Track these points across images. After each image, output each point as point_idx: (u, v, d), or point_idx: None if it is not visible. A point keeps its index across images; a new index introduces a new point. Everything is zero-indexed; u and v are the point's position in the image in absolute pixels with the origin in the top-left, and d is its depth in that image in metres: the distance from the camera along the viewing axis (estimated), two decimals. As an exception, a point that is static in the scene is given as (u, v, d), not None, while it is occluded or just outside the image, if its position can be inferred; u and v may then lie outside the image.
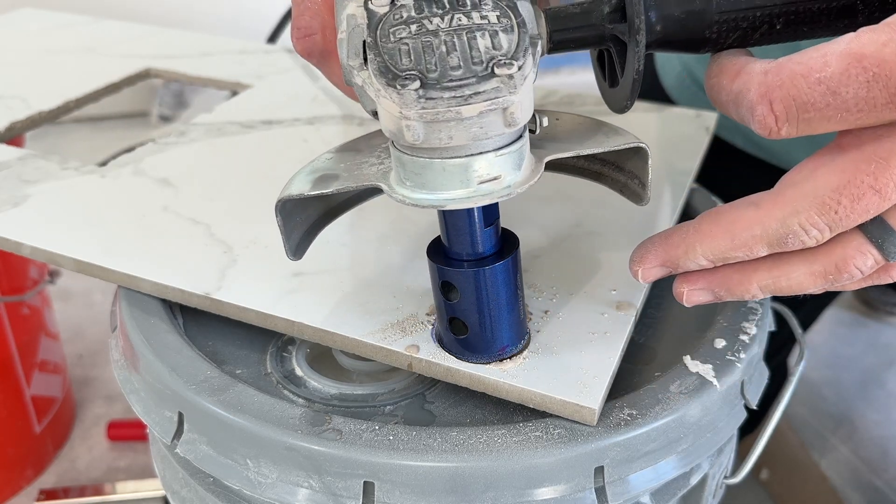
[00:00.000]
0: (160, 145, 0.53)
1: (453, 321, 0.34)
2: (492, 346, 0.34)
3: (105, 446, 0.77)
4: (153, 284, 0.40)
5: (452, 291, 0.33)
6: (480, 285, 0.32)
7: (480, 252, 0.32)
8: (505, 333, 0.34)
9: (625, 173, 0.35)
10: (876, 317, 1.17)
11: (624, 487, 0.33)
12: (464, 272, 0.32)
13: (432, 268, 0.33)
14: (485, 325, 0.33)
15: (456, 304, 0.33)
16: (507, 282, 0.33)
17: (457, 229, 0.32)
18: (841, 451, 0.88)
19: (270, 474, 0.33)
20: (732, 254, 0.30)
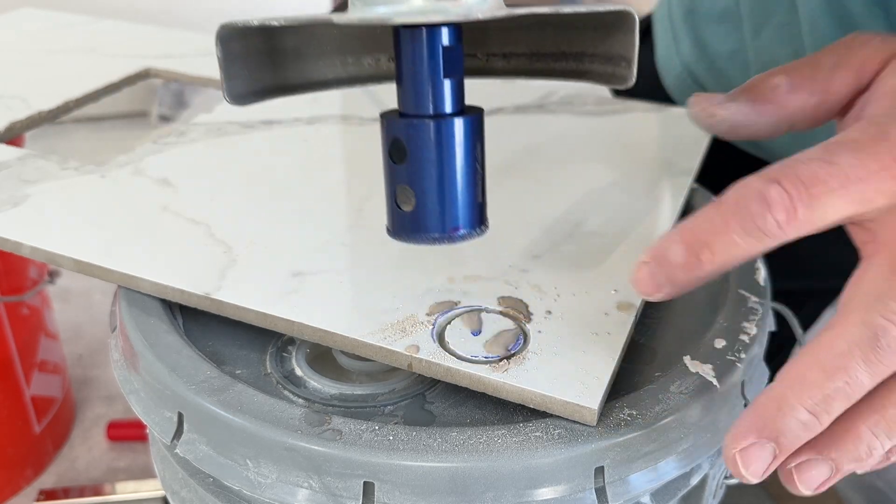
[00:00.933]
0: (160, 145, 0.52)
1: (399, 191, 0.30)
2: (442, 222, 0.30)
3: (105, 446, 0.77)
4: (153, 284, 0.40)
5: (401, 152, 0.29)
6: (433, 142, 0.29)
7: (437, 106, 0.29)
8: (458, 209, 0.30)
9: (611, 62, 0.32)
10: (876, 317, 1.17)
11: (624, 488, 0.33)
12: (415, 124, 0.29)
13: (383, 128, 0.30)
14: (435, 194, 0.29)
15: (404, 168, 0.29)
16: (465, 146, 0.29)
17: (412, 68, 0.28)
18: (841, 451, 0.88)
19: (270, 474, 0.33)
20: (830, 385, 0.26)
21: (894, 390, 0.26)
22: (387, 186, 0.31)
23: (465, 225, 0.31)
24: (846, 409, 0.26)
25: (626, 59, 0.31)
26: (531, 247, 0.43)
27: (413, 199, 0.30)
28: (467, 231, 0.31)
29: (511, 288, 0.39)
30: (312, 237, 0.43)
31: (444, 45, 0.28)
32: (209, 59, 0.67)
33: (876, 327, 0.26)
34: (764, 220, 0.27)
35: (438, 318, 0.37)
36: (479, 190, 0.31)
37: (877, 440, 0.26)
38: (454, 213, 0.30)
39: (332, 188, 0.49)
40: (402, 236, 0.31)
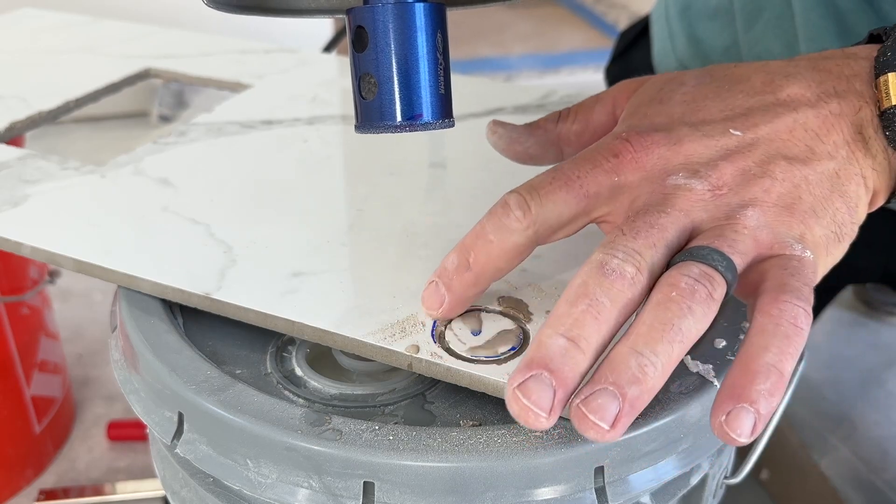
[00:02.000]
0: (160, 145, 0.53)
1: (363, 80, 0.30)
2: (404, 108, 0.30)
3: (105, 446, 0.77)
4: (153, 284, 0.40)
5: (363, 39, 0.30)
6: (393, 26, 0.29)
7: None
8: (419, 96, 0.30)
9: None
10: (876, 317, 1.17)
11: (624, 487, 0.33)
12: (377, 9, 0.29)
13: (348, 17, 0.30)
14: (396, 79, 0.30)
15: (365, 56, 0.30)
16: (425, 32, 0.30)
17: None
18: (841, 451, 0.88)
19: (270, 474, 0.33)
20: (575, 310, 0.30)
21: (642, 315, 0.30)
22: (352, 77, 0.31)
23: (428, 114, 0.31)
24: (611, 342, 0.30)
25: None
26: (531, 247, 0.43)
27: (376, 87, 0.30)
28: (430, 119, 0.31)
29: (511, 288, 0.39)
30: (312, 237, 0.43)
31: None
32: (209, 59, 0.67)
33: (601, 260, 0.31)
34: (507, 217, 0.33)
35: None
36: (442, 80, 0.31)
37: (642, 356, 0.29)
38: (416, 99, 0.31)
39: (332, 188, 0.49)
40: (367, 127, 0.31)
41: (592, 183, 0.34)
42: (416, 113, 0.31)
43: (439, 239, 0.44)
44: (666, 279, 0.30)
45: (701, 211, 0.33)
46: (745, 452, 0.39)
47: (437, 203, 0.47)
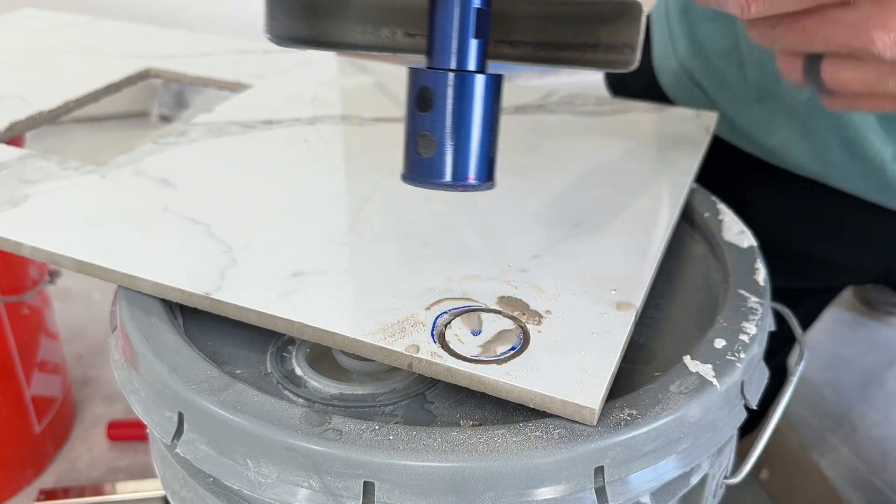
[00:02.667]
0: (160, 145, 0.53)
1: (422, 138, 0.32)
2: (458, 170, 0.32)
3: (105, 446, 0.77)
4: (153, 284, 0.40)
5: (428, 101, 0.31)
6: (460, 93, 0.31)
7: (466, 62, 0.31)
8: (474, 159, 0.32)
9: (614, 49, 0.34)
10: (876, 317, 1.17)
11: (624, 487, 0.33)
12: (445, 75, 0.31)
13: (411, 76, 0.32)
14: (455, 142, 0.31)
15: (428, 116, 0.31)
16: (488, 101, 0.32)
17: (448, 24, 0.31)
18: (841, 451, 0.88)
19: (270, 474, 0.33)
20: None
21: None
22: (407, 133, 0.33)
23: (477, 176, 0.32)
24: None
25: (629, 45, 0.33)
26: (531, 247, 0.43)
27: (434, 146, 0.32)
28: (478, 182, 0.33)
29: (511, 288, 0.39)
30: (312, 237, 0.43)
31: (476, 6, 0.30)
32: (209, 59, 0.67)
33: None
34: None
35: (438, 318, 0.37)
36: (494, 146, 0.33)
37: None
38: (470, 162, 0.32)
39: (332, 188, 0.49)
40: (418, 181, 0.33)
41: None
42: (467, 176, 0.32)
43: (439, 239, 0.44)
44: None
45: None
46: (745, 452, 0.39)
47: (437, 203, 0.47)
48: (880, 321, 1.17)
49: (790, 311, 0.46)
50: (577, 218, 0.46)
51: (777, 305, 0.45)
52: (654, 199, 0.49)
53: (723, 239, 0.46)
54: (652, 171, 0.52)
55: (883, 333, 1.15)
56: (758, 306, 0.41)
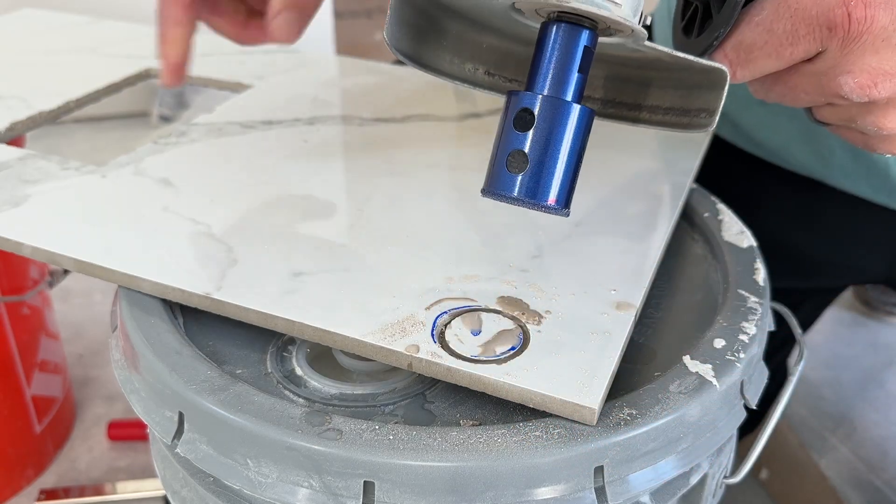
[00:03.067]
0: (160, 145, 0.53)
1: (515, 155, 0.33)
2: (544, 190, 0.33)
3: (105, 446, 0.77)
4: (153, 284, 0.40)
5: (526, 122, 0.33)
6: (562, 120, 0.33)
7: (566, 93, 0.33)
8: (559, 183, 0.33)
9: (688, 114, 0.36)
10: (876, 317, 1.17)
11: (624, 487, 0.33)
12: (550, 99, 0.33)
13: (512, 97, 0.34)
14: (546, 164, 0.33)
15: (525, 136, 0.33)
16: (580, 131, 0.33)
17: (559, 56, 0.33)
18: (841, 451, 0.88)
19: (270, 474, 0.33)
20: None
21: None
22: (499, 149, 0.34)
23: (558, 200, 0.34)
24: None
25: (707, 110, 0.35)
26: (531, 247, 0.43)
27: (525, 164, 0.33)
28: (558, 207, 0.34)
29: (511, 288, 0.39)
30: (312, 237, 0.43)
31: (585, 44, 0.33)
32: (209, 59, 0.67)
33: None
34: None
35: (438, 318, 0.37)
36: (577, 175, 0.34)
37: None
38: (556, 187, 0.33)
39: (331, 188, 0.49)
40: (503, 195, 0.34)
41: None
42: (551, 198, 0.33)
43: (439, 239, 0.44)
44: None
45: None
46: (744, 452, 0.39)
47: (437, 203, 0.47)
48: (880, 321, 1.17)
49: (790, 311, 0.46)
50: (577, 218, 0.46)
51: (776, 305, 0.45)
52: (654, 199, 0.49)
53: (722, 239, 0.46)
54: (652, 171, 0.52)
55: (883, 333, 1.15)
56: (757, 306, 0.41)
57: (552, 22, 0.33)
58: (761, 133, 0.61)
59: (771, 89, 0.38)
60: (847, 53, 0.34)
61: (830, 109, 0.38)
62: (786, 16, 0.34)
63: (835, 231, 0.63)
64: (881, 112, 0.36)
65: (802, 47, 0.34)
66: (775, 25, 0.34)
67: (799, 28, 0.34)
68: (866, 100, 0.35)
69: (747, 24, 0.35)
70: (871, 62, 0.34)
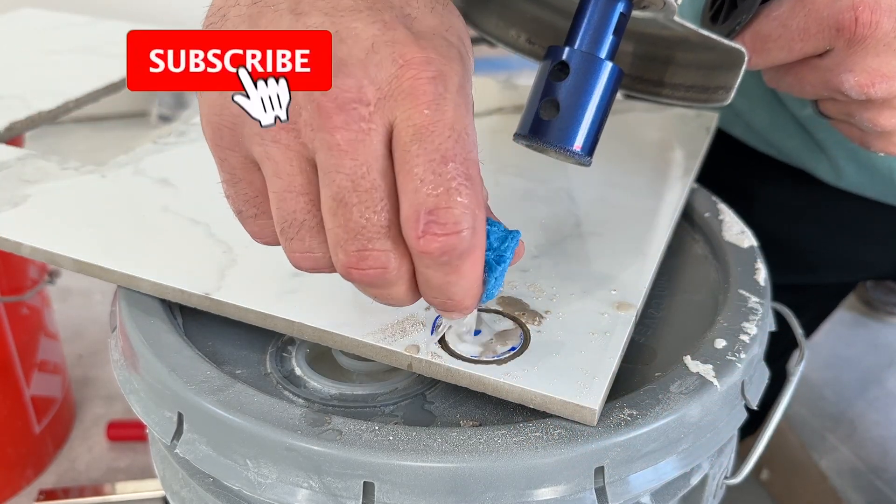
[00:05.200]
0: (160, 145, 0.52)
1: (548, 102, 0.35)
2: (571, 136, 0.35)
3: (105, 446, 0.77)
4: (153, 284, 0.40)
5: (563, 73, 0.35)
6: (594, 74, 0.35)
7: (601, 51, 0.35)
8: (586, 132, 0.35)
9: (707, 91, 0.39)
10: (876, 317, 1.17)
11: (624, 488, 0.33)
12: (585, 54, 0.35)
13: (552, 51, 0.36)
14: (576, 112, 0.35)
15: (560, 85, 0.35)
16: (610, 87, 0.35)
17: (597, 18, 0.35)
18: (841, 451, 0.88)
19: (270, 474, 0.33)
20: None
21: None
22: (534, 97, 0.36)
23: (583, 147, 0.35)
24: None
25: (725, 88, 0.38)
26: (531, 247, 0.43)
27: (557, 111, 0.35)
28: (582, 154, 0.35)
29: (511, 288, 0.39)
30: (312, 237, 0.43)
31: (621, 10, 0.35)
32: (209, 59, 0.67)
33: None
34: None
35: (438, 318, 0.37)
36: (602, 127, 0.36)
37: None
38: (581, 132, 0.35)
39: (332, 188, 0.49)
40: (532, 139, 0.35)
41: None
42: (577, 144, 0.35)
43: (439, 239, 0.44)
44: None
45: None
46: (745, 453, 0.39)
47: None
48: (880, 321, 1.17)
49: (791, 312, 0.46)
50: (577, 218, 0.46)
51: (778, 306, 0.45)
52: (654, 199, 0.49)
53: (723, 239, 0.46)
54: (652, 171, 0.52)
55: (883, 333, 1.15)
56: (758, 306, 0.41)
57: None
58: (773, 136, 0.61)
59: (782, 79, 0.41)
60: (851, 53, 0.37)
61: (832, 104, 0.41)
62: (801, 14, 0.37)
63: (847, 227, 0.63)
64: (877, 110, 0.39)
65: (812, 44, 0.37)
66: (790, 21, 0.37)
67: (811, 26, 0.37)
68: (864, 98, 0.38)
69: (766, 18, 0.38)
70: (871, 63, 0.37)
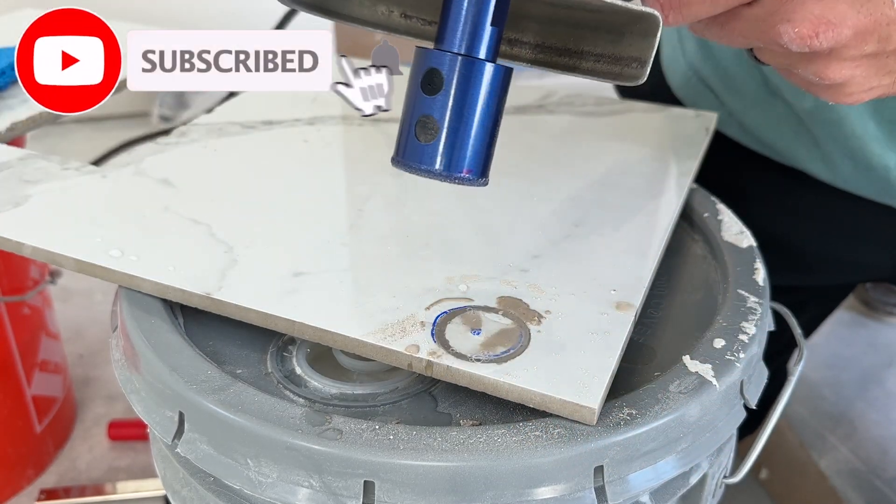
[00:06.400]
0: (160, 145, 0.53)
1: (425, 122, 0.30)
2: (456, 160, 0.30)
3: (106, 446, 0.77)
4: (154, 284, 0.40)
5: (434, 84, 0.30)
6: (471, 80, 0.29)
7: (478, 50, 0.30)
8: (473, 152, 0.30)
9: (620, 62, 0.33)
10: (876, 317, 1.17)
11: (623, 487, 0.33)
12: (458, 58, 0.29)
13: (419, 56, 0.30)
14: (458, 131, 0.30)
15: (433, 100, 0.30)
16: (496, 93, 0.30)
17: (468, 9, 0.29)
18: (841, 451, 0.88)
19: (271, 474, 0.33)
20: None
21: None
22: (407, 114, 0.31)
23: (473, 170, 0.31)
24: None
25: (639, 60, 0.32)
26: (531, 247, 0.43)
27: (435, 132, 0.30)
28: (473, 177, 0.31)
29: (511, 288, 0.39)
30: (312, 237, 0.43)
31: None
32: (209, 59, 0.67)
33: None
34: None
35: (438, 318, 0.37)
36: (494, 142, 0.31)
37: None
38: (468, 154, 0.30)
39: (332, 188, 0.49)
40: (411, 166, 0.31)
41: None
42: (463, 168, 0.31)
43: (439, 239, 0.44)
44: None
45: None
46: (744, 452, 0.39)
47: (437, 203, 0.47)
48: (880, 321, 1.17)
49: (790, 312, 0.46)
50: (577, 218, 0.46)
51: (777, 306, 0.45)
52: (653, 199, 0.49)
53: (722, 239, 0.46)
54: (652, 171, 0.52)
55: (883, 333, 1.15)
56: (757, 306, 0.41)
57: None
58: (768, 135, 0.61)
59: (707, 29, 0.36)
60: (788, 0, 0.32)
61: (770, 54, 0.36)
62: None
63: (844, 228, 0.63)
64: (823, 63, 0.34)
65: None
66: None
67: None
68: (807, 50, 0.33)
69: None
70: (813, 10, 0.32)
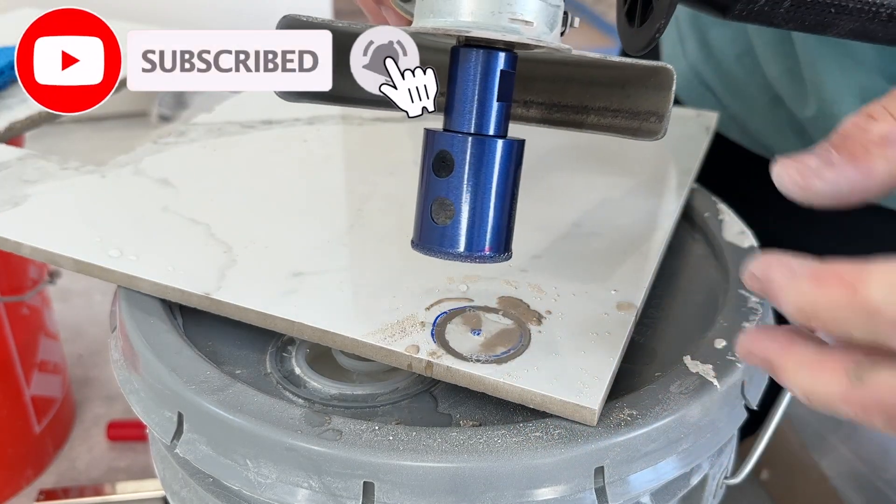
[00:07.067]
0: (160, 145, 0.52)
1: (439, 204, 0.30)
2: (476, 240, 0.30)
3: (105, 446, 0.77)
4: (153, 284, 0.40)
5: (446, 166, 0.30)
6: (481, 159, 0.29)
7: (487, 127, 0.29)
8: (493, 230, 0.30)
9: (638, 116, 0.32)
10: (876, 317, 1.17)
11: (624, 488, 0.33)
12: (466, 139, 0.29)
13: (429, 138, 0.30)
14: (474, 211, 0.30)
15: (447, 182, 0.29)
16: (509, 168, 0.30)
17: (473, 87, 0.29)
18: (841, 451, 0.88)
19: (270, 474, 0.33)
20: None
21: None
22: (422, 198, 0.31)
23: (494, 248, 0.31)
24: None
25: (656, 114, 0.31)
26: (531, 247, 0.43)
27: (451, 214, 0.30)
28: (493, 255, 0.31)
29: (511, 288, 0.39)
30: (312, 237, 0.43)
31: (502, 68, 0.29)
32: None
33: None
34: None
35: (438, 318, 0.37)
36: (513, 215, 0.31)
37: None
38: (488, 233, 0.30)
39: (332, 188, 0.49)
40: (432, 250, 0.31)
41: None
42: (484, 247, 0.30)
43: (439, 239, 0.44)
44: None
45: None
46: (745, 453, 0.39)
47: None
48: (880, 321, 1.16)
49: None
50: (577, 218, 0.46)
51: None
52: (654, 199, 0.49)
53: (723, 239, 0.46)
54: (652, 171, 0.52)
55: (883, 333, 1.14)
56: (758, 306, 0.41)
57: (462, 47, 0.29)
58: (769, 139, 0.61)
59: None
60: None
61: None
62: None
63: (842, 231, 0.62)
64: None
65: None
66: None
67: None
68: None
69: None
70: None
